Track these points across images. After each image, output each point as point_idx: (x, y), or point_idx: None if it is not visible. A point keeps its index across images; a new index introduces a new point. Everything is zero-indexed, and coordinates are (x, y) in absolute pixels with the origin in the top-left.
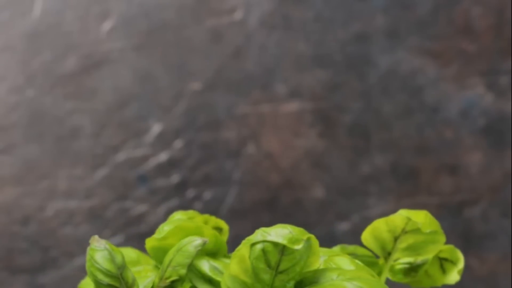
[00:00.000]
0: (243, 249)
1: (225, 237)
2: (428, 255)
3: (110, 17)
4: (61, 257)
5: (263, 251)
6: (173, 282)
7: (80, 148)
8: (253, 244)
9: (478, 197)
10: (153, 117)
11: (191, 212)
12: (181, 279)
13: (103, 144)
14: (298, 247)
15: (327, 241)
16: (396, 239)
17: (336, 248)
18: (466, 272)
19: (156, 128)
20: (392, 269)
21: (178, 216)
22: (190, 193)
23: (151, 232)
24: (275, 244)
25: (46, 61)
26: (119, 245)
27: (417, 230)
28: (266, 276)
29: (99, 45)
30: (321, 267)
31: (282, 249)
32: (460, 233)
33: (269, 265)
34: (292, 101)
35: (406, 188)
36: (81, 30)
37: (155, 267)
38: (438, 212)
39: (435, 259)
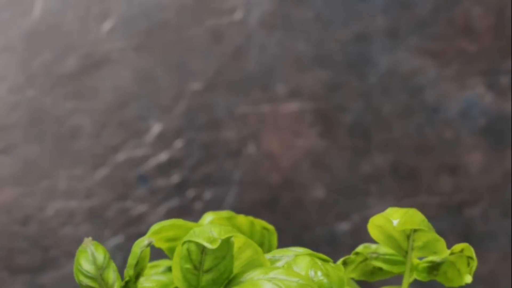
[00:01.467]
0: (177, 249)
1: (274, 237)
2: (443, 253)
3: (110, 17)
4: (61, 257)
5: (188, 251)
6: (127, 282)
7: (80, 148)
8: (182, 244)
9: (478, 197)
10: (153, 117)
11: (225, 212)
12: (131, 280)
13: (103, 144)
14: (214, 246)
15: (327, 241)
16: (408, 237)
17: (360, 248)
18: None
19: (156, 128)
20: (417, 268)
21: (210, 217)
22: (190, 193)
23: None
24: (197, 244)
25: (46, 61)
26: (119, 245)
27: (425, 229)
28: (192, 277)
29: (99, 45)
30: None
31: (202, 249)
32: (460, 233)
33: (194, 265)
34: (292, 101)
35: (406, 188)
36: (81, 30)
37: None
38: (438, 212)
39: (457, 256)
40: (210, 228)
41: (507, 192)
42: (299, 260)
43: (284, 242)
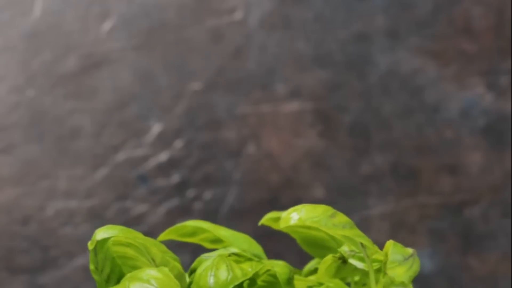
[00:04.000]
0: None
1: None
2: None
3: (110, 17)
4: (61, 257)
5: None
6: None
7: (80, 148)
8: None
9: (478, 197)
10: (153, 117)
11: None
12: None
13: (103, 144)
14: (91, 247)
15: None
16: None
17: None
18: (466, 272)
19: (156, 128)
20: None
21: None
22: (190, 193)
23: (151, 232)
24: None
25: (46, 61)
26: None
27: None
28: (97, 276)
29: (99, 45)
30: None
31: (94, 249)
32: (460, 233)
33: (95, 266)
34: (292, 101)
35: (406, 188)
36: (81, 30)
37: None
38: (438, 212)
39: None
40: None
41: (507, 192)
42: (211, 260)
43: (284, 241)
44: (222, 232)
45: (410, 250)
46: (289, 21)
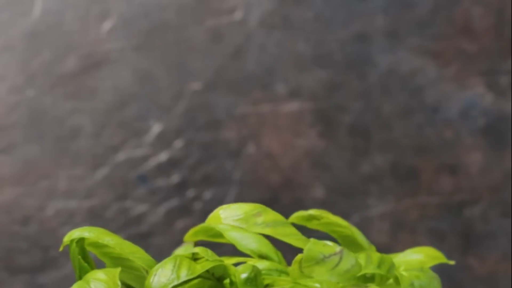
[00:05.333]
0: None
1: None
2: None
3: (110, 17)
4: (61, 257)
5: None
6: None
7: (80, 148)
8: None
9: (478, 197)
10: (153, 117)
11: None
12: None
13: (103, 144)
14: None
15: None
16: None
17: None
18: (466, 272)
19: (156, 128)
20: None
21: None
22: (190, 193)
23: (151, 232)
24: None
25: (46, 61)
26: None
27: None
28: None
29: (99, 45)
30: None
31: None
32: (460, 233)
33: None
34: (292, 101)
35: (406, 188)
36: (81, 30)
37: None
38: (438, 212)
39: None
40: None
41: (507, 192)
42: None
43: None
44: (231, 232)
45: (334, 248)
46: (289, 21)
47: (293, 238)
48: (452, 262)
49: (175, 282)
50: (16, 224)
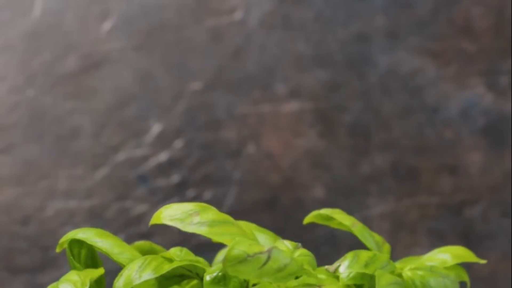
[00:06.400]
0: None
1: None
2: None
3: (110, 17)
4: (61, 257)
5: None
6: None
7: (80, 148)
8: None
9: (478, 197)
10: (153, 117)
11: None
12: None
13: (103, 144)
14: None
15: (328, 241)
16: None
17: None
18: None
19: (156, 128)
20: None
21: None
22: (190, 193)
23: (151, 232)
24: None
25: (46, 61)
26: None
27: None
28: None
29: (99, 45)
30: None
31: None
32: (460, 233)
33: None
34: (292, 101)
35: (406, 188)
36: (81, 30)
37: None
38: (438, 212)
39: None
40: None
41: (507, 192)
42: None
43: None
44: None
45: (259, 247)
46: (289, 21)
47: (227, 238)
48: (483, 261)
49: (136, 282)
50: (16, 224)
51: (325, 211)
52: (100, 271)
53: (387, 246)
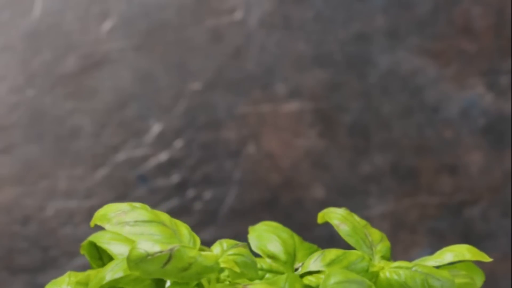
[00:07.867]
0: None
1: None
2: None
3: (110, 17)
4: (61, 257)
5: None
6: None
7: (80, 148)
8: None
9: (478, 197)
10: (153, 117)
11: None
12: None
13: (103, 144)
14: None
15: (327, 241)
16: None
17: None
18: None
19: (156, 128)
20: None
21: None
22: (190, 193)
23: None
24: None
25: (46, 61)
26: None
27: None
28: None
29: (99, 45)
30: None
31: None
32: (460, 233)
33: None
34: (292, 101)
35: (406, 188)
36: (81, 30)
37: None
38: (438, 212)
39: None
40: None
41: (507, 192)
42: None
43: None
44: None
45: (160, 247)
46: (289, 21)
47: (146, 238)
48: (488, 259)
49: (103, 282)
50: (16, 224)
51: (329, 210)
52: (87, 272)
53: (384, 244)
